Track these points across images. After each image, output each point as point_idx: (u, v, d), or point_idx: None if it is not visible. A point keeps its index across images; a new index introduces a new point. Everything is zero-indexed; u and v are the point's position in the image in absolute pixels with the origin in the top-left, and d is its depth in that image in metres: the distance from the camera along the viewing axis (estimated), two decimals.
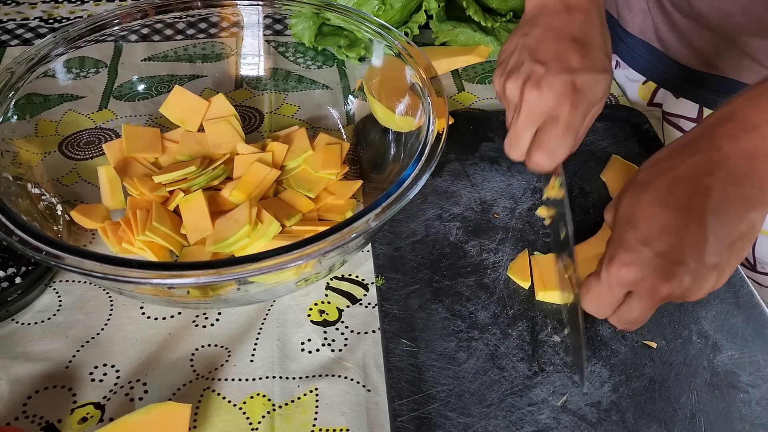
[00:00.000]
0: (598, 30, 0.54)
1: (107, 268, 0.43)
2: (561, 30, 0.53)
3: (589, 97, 0.52)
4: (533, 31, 0.54)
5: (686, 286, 0.44)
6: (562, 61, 0.52)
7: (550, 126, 0.52)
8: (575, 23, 0.53)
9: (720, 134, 0.45)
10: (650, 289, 0.44)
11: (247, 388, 0.51)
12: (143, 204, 0.60)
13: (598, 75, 0.52)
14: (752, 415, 0.50)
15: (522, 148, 0.54)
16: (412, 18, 0.83)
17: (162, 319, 0.55)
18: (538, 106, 0.51)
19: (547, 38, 0.53)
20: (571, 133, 0.52)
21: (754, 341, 0.54)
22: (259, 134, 0.71)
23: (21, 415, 0.49)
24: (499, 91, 0.56)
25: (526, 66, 0.53)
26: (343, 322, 0.56)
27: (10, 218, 0.46)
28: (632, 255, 0.44)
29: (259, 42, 0.75)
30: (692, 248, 0.43)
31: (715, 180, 0.44)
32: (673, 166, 0.46)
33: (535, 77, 0.51)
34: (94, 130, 0.68)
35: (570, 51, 0.52)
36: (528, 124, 0.53)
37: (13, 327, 0.54)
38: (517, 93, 0.53)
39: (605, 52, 0.54)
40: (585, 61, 0.52)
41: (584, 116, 0.53)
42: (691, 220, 0.44)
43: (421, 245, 0.61)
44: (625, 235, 0.45)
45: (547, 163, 0.53)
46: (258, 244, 0.56)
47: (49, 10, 0.92)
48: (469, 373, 0.52)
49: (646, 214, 0.45)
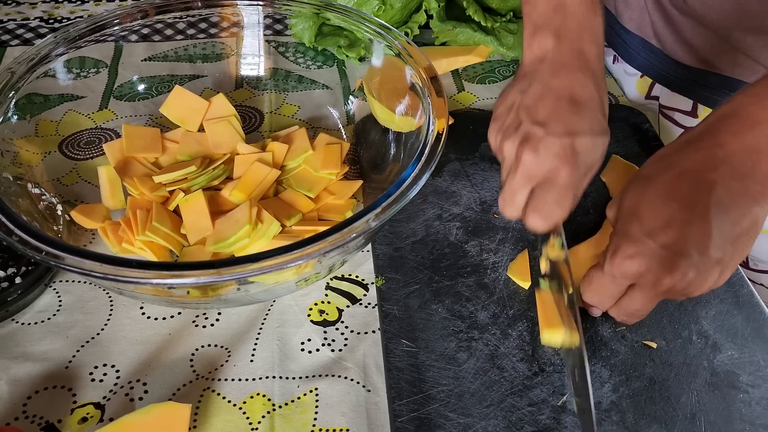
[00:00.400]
0: (597, 90, 0.53)
1: (107, 268, 0.43)
2: (560, 90, 0.52)
3: (588, 160, 0.51)
4: (531, 89, 0.53)
5: (689, 279, 0.44)
6: (561, 123, 0.50)
7: (547, 188, 0.50)
8: (575, 83, 0.52)
9: (723, 131, 0.46)
10: (653, 281, 0.44)
11: (247, 388, 0.51)
12: (143, 204, 0.60)
13: (597, 138, 0.51)
14: (752, 415, 0.50)
15: (517, 207, 0.52)
16: (412, 18, 0.83)
17: (162, 319, 0.55)
18: (536, 169, 0.50)
19: (546, 98, 0.52)
20: (569, 196, 0.51)
21: (754, 341, 0.54)
22: (259, 134, 0.71)
23: (21, 415, 0.49)
24: (494, 148, 0.55)
25: (524, 126, 0.51)
26: (343, 322, 0.56)
27: (11, 218, 0.46)
28: (636, 247, 0.45)
29: (260, 42, 0.75)
30: (696, 242, 0.44)
31: (719, 175, 0.44)
32: (678, 162, 0.46)
33: (534, 139, 0.50)
34: (94, 130, 0.68)
35: (569, 113, 0.51)
36: (523, 184, 0.51)
37: (13, 327, 0.54)
38: (513, 153, 0.52)
39: (603, 113, 0.53)
40: (584, 123, 0.51)
41: (582, 179, 0.51)
42: (696, 214, 0.44)
43: (421, 245, 0.61)
44: (630, 227, 0.46)
45: (544, 226, 0.52)
46: (258, 244, 0.56)
47: (50, 10, 0.92)
48: (469, 373, 0.52)
49: (650, 208, 0.45)
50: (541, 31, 0.54)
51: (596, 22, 0.54)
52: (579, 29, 0.54)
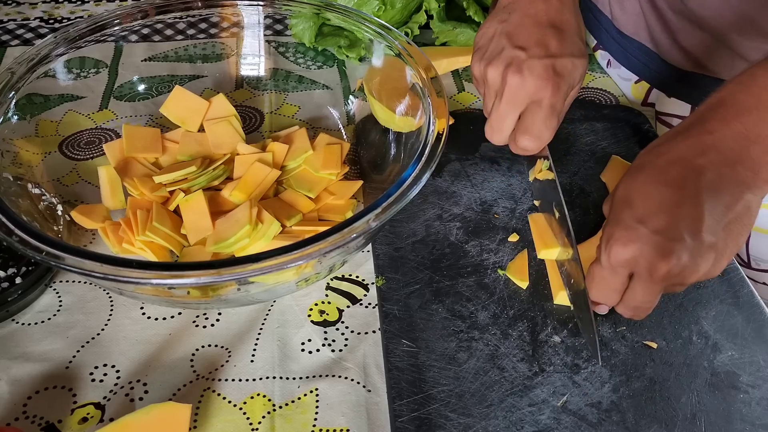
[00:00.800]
0: (573, 15, 0.56)
1: (107, 269, 0.43)
2: (539, 16, 0.55)
3: (569, 81, 0.54)
4: (511, 18, 0.55)
5: (684, 263, 0.44)
6: (541, 46, 0.53)
7: (534, 110, 0.53)
8: (552, 9, 0.55)
9: (712, 119, 0.47)
10: (648, 267, 0.45)
11: (247, 389, 0.51)
12: (143, 204, 0.60)
13: (576, 59, 0.54)
14: (752, 416, 0.50)
15: (505, 132, 0.55)
16: (412, 18, 0.83)
17: (162, 320, 0.55)
18: (521, 91, 0.53)
19: (526, 24, 0.54)
20: (555, 116, 0.54)
21: (755, 341, 0.54)
22: (259, 134, 0.71)
23: (21, 415, 0.49)
24: (478, 76, 0.57)
25: (506, 52, 0.54)
26: (343, 322, 0.56)
27: (11, 218, 0.46)
28: (629, 233, 0.45)
29: (260, 42, 0.75)
30: (688, 225, 0.44)
31: (709, 161, 0.45)
32: (668, 150, 0.47)
33: (517, 62, 0.53)
34: (94, 130, 0.68)
35: (549, 36, 0.53)
36: (511, 108, 0.54)
37: (14, 327, 0.54)
38: (498, 78, 0.54)
39: (580, 37, 0.56)
40: (563, 46, 0.53)
41: (564, 99, 0.54)
42: (686, 197, 0.44)
43: (422, 245, 0.61)
44: (622, 214, 0.46)
45: (534, 146, 0.55)
46: (258, 244, 0.56)
47: (50, 11, 0.92)
48: (469, 373, 0.52)
49: (641, 194, 0.46)
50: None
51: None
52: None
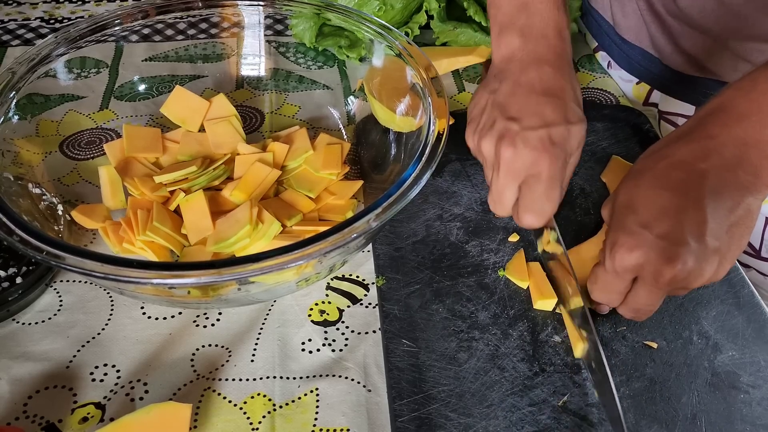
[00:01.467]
0: (568, 81, 0.54)
1: (108, 268, 0.43)
2: (531, 84, 0.53)
3: (566, 149, 0.52)
4: (503, 87, 0.54)
5: (689, 268, 0.44)
6: (535, 116, 0.51)
7: (533, 183, 0.51)
8: (545, 76, 0.53)
9: (712, 123, 0.47)
10: (654, 272, 0.44)
11: (247, 388, 0.51)
12: (144, 204, 0.60)
13: (573, 126, 0.52)
14: (753, 416, 0.50)
15: (507, 205, 0.54)
16: (412, 18, 0.83)
17: (163, 319, 0.55)
18: (517, 163, 0.51)
19: (518, 93, 0.53)
20: (556, 188, 0.52)
21: (755, 342, 0.54)
22: (259, 134, 0.72)
23: (21, 415, 0.49)
24: (473, 149, 0.55)
25: (499, 123, 0.52)
26: (343, 322, 0.56)
27: (11, 218, 0.46)
28: (634, 239, 0.45)
29: (260, 42, 0.75)
30: (692, 229, 0.44)
31: (711, 165, 0.45)
32: (669, 154, 0.47)
33: (510, 135, 0.51)
34: (95, 130, 0.68)
35: (542, 105, 0.52)
36: (508, 181, 0.52)
37: (14, 327, 0.54)
38: (492, 151, 0.52)
39: (577, 102, 0.54)
40: (558, 113, 0.51)
41: (564, 168, 0.52)
42: (690, 201, 0.44)
43: (422, 245, 0.61)
44: (625, 220, 0.46)
45: (538, 222, 0.53)
46: (259, 244, 0.56)
47: (51, 11, 0.92)
48: (469, 373, 0.52)
49: (644, 199, 0.46)
50: (507, 31, 0.55)
51: (560, 17, 0.55)
52: (543, 26, 0.55)
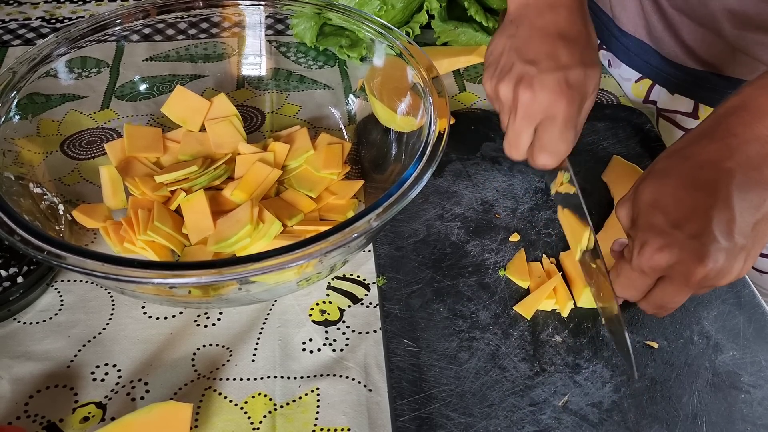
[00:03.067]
0: (584, 25, 0.55)
1: (109, 268, 0.43)
2: (547, 28, 0.54)
3: (582, 92, 0.53)
4: (519, 31, 0.54)
5: (720, 266, 0.44)
6: (552, 59, 0.52)
7: (549, 125, 0.53)
8: (561, 20, 0.54)
9: (735, 122, 0.47)
10: (685, 272, 0.45)
11: (248, 388, 0.51)
12: (145, 204, 0.60)
13: (589, 69, 0.53)
14: (754, 416, 0.50)
15: (522, 148, 0.55)
16: (413, 18, 0.83)
17: (163, 319, 0.55)
18: (534, 106, 0.52)
19: (535, 37, 0.54)
20: (571, 129, 0.53)
21: (756, 342, 0.54)
22: (260, 134, 0.72)
23: (23, 414, 0.49)
24: (490, 94, 0.56)
25: (516, 67, 0.53)
26: (344, 321, 0.56)
27: (12, 218, 0.46)
28: (665, 239, 0.45)
29: (261, 42, 0.75)
30: (722, 228, 0.44)
31: (737, 164, 0.45)
32: (694, 153, 0.47)
33: (528, 78, 0.52)
34: (95, 129, 0.68)
35: (559, 48, 0.53)
36: (526, 124, 0.53)
37: (15, 326, 0.54)
38: (510, 95, 0.53)
39: (592, 46, 0.55)
40: (574, 56, 0.52)
41: (579, 110, 0.53)
42: (718, 200, 0.45)
43: (423, 245, 0.61)
44: (654, 220, 0.46)
45: (552, 162, 0.54)
46: (259, 243, 0.56)
47: (51, 10, 0.92)
48: (470, 373, 0.52)
49: (674, 199, 0.46)
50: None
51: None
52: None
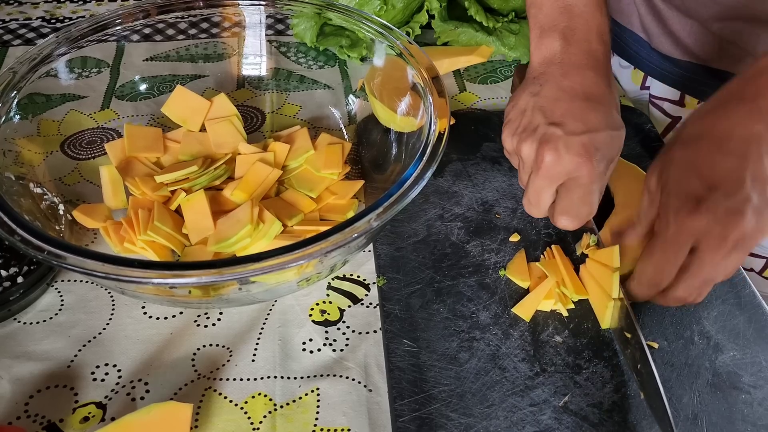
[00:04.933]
0: (608, 87, 0.54)
1: (109, 268, 0.43)
2: (574, 89, 0.53)
3: (608, 156, 0.52)
4: (544, 90, 0.54)
5: (754, 223, 0.45)
6: (578, 121, 0.51)
7: (572, 188, 0.52)
8: (587, 82, 0.53)
9: (764, 84, 0.47)
10: (722, 231, 0.45)
11: (248, 388, 0.51)
12: (145, 204, 0.60)
13: (614, 132, 0.52)
14: (754, 416, 0.50)
15: (543, 207, 0.54)
16: (413, 18, 0.83)
17: (164, 319, 0.55)
18: (558, 168, 0.51)
19: (561, 98, 0.53)
20: (594, 193, 0.52)
21: (756, 342, 0.54)
22: (260, 134, 0.72)
23: (23, 414, 0.49)
24: (510, 151, 0.56)
25: (541, 128, 0.52)
26: (344, 322, 0.56)
27: (13, 218, 0.46)
28: (701, 202, 0.45)
29: (261, 42, 0.75)
30: (755, 186, 0.45)
31: (765, 126, 0.46)
32: (724, 117, 0.47)
33: (553, 140, 0.51)
34: (96, 129, 0.68)
35: (585, 111, 0.52)
36: (547, 184, 0.52)
37: (15, 326, 0.54)
38: (533, 155, 0.52)
39: (617, 109, 0.54)
40: (600, 120, 0.52)
41: (604, 174, 0.53)
42: (750, 161, 0.45)
43: (423, 245, 0.61)
44: (688, 184, 0.46)
45: (573, 225, 0.53)
46: (260, 243, 0.56)
47: (52, 10, 0.92)
48: (470, 373, 0.52)
49: (707, 162, 0.46)
50: (549, 33, 0.55)
51: (602, 21, 0.55)
52: (586, 29, 0.54)
